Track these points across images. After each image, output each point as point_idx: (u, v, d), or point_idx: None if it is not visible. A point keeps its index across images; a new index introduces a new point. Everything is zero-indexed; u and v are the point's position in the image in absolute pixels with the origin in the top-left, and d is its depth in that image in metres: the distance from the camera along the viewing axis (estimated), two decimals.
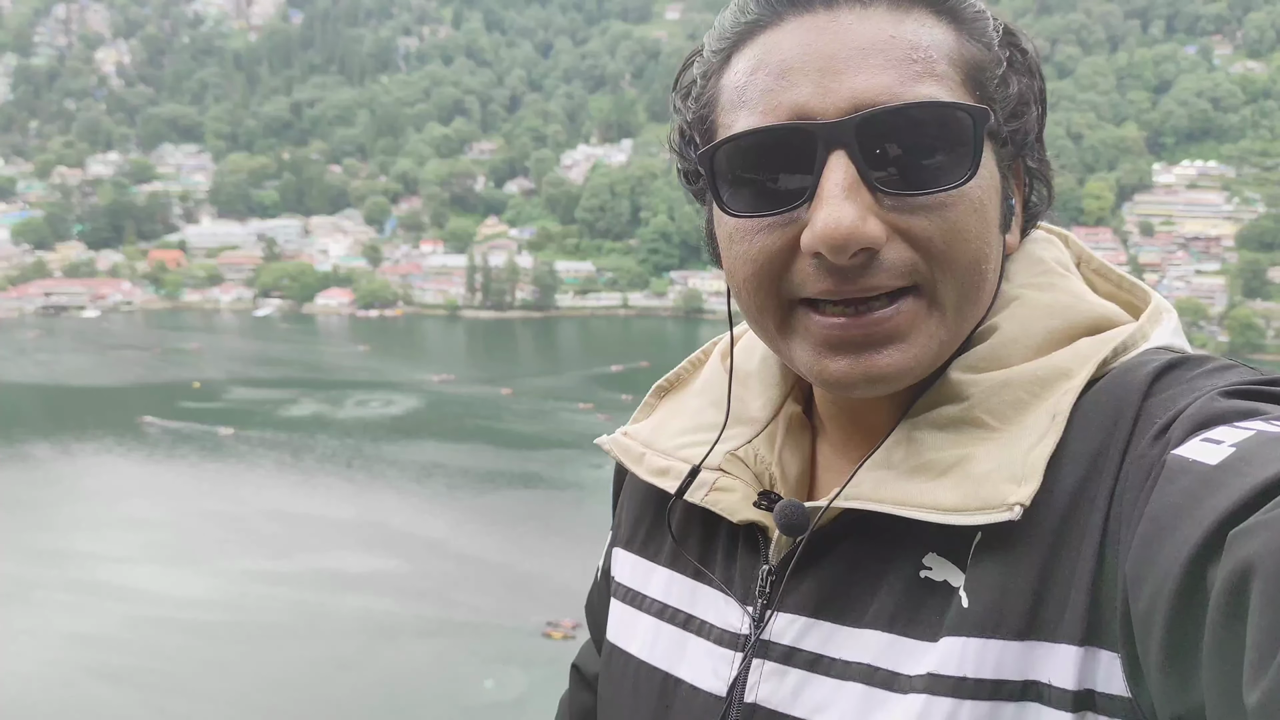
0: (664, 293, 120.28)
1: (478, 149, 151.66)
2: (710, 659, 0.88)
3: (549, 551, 47.47)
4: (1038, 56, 0.84)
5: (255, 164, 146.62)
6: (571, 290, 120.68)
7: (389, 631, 40.71)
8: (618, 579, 1.04)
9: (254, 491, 58.45)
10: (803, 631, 0.81)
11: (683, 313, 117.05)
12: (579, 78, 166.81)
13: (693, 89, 0.85)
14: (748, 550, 0.89)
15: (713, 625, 0.89)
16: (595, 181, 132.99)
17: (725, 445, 0.93)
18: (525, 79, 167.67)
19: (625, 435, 1.03)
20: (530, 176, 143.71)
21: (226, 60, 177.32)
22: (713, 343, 1.08)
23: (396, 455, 64.95)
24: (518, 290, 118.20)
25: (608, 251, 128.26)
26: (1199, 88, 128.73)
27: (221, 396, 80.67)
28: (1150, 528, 0.64)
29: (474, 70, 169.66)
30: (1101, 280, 0.90)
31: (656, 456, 0.97)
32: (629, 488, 1.07)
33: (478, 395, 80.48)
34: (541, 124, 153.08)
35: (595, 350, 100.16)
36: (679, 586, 0.94)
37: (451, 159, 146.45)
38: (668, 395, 1.07)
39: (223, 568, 47.54)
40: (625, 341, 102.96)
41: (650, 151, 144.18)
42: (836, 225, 0.71)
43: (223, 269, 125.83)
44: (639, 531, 1.03)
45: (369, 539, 50.27)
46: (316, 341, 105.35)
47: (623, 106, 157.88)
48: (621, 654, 0.98)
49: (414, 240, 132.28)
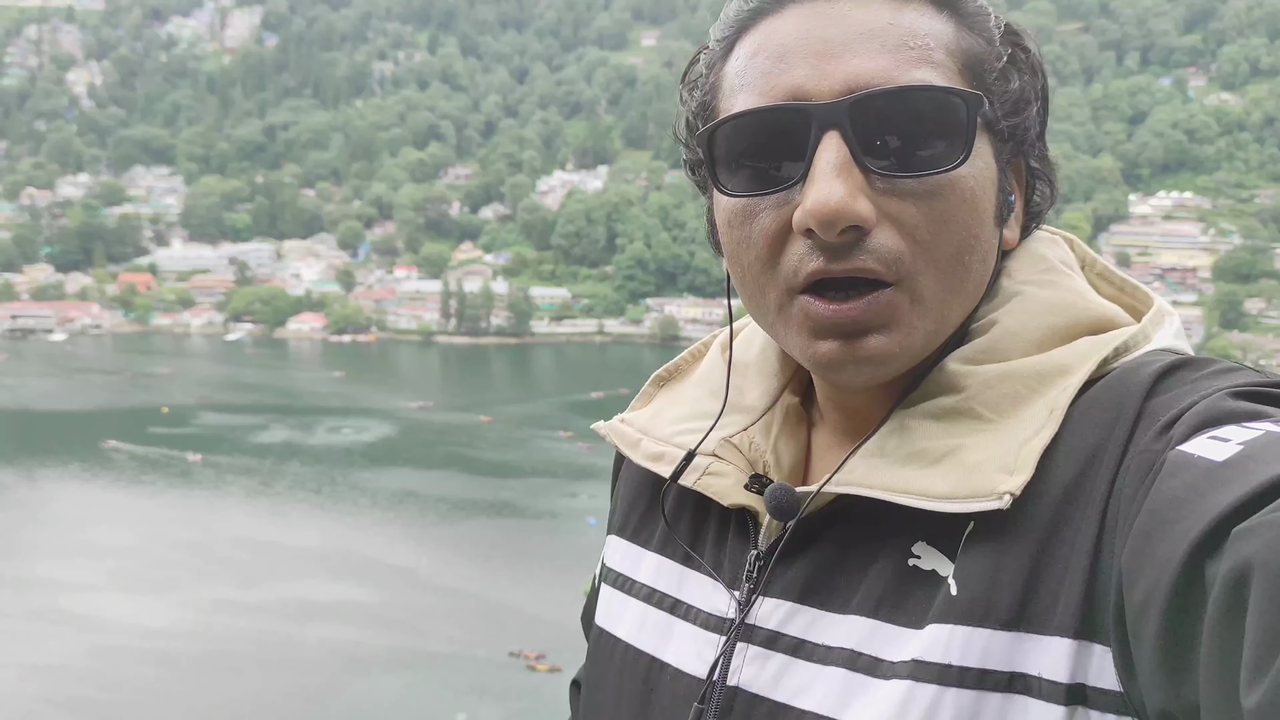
0: (640, 319, 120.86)
1: (453, 174, 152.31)
2: (695, 643, 0.89)
3: (523, 581, 47.46)
4: (1040, 55, 0.85)
5: (228, 187, 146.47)
6: (547, 317, 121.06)
7: (359, 662, 40.47)
8: (608, 564, 1.06)
9: (222, 518, 58.02)
10: (787, 616, 0.83)
11: (659, 339, 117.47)
12: (555, 104, 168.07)
13: (699, 80, 0.88)
14: (738, 535, 0.90)
15: (699, 610, 0.90)
16: (571, 208, 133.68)
17: (721, 432, 0.94)
18: (501, 104, 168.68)
19: (622, 422, 1.04)
20: (506, 202, 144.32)
21: (200, 83, 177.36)
22: (712, 335, 1.10)
23: (369, 483, 64.73)
24: (493, 316, 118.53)
25: (583, 278, 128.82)
26: (1174, 119, 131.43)
27: (190, 422, 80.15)
28: (1149, 520, 0.64)
29: (449, 95, 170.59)
30: (1104, 283, 0.91)
31: (652, 443, 0.99)
32: (624, 475, 1.10)
33: (455, 422, 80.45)
34: (517, 150, 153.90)
35: (572, 377, 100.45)
36: (667, 571, 0.96)
37: (426, 184, 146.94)
38: (666, 385, 1.09)
39: (189, 596, 47.12)
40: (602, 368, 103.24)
41: (626, 178, 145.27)
42: (826, 201, 0.72)
43: (194, 292, 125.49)
44: (632, 518, 1.05)
45: (339, 568, 50.02)
46: (288, 367, 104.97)
47: (599, 133, 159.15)
48: (609, 637, 1.00)
49: (388, 265, 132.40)
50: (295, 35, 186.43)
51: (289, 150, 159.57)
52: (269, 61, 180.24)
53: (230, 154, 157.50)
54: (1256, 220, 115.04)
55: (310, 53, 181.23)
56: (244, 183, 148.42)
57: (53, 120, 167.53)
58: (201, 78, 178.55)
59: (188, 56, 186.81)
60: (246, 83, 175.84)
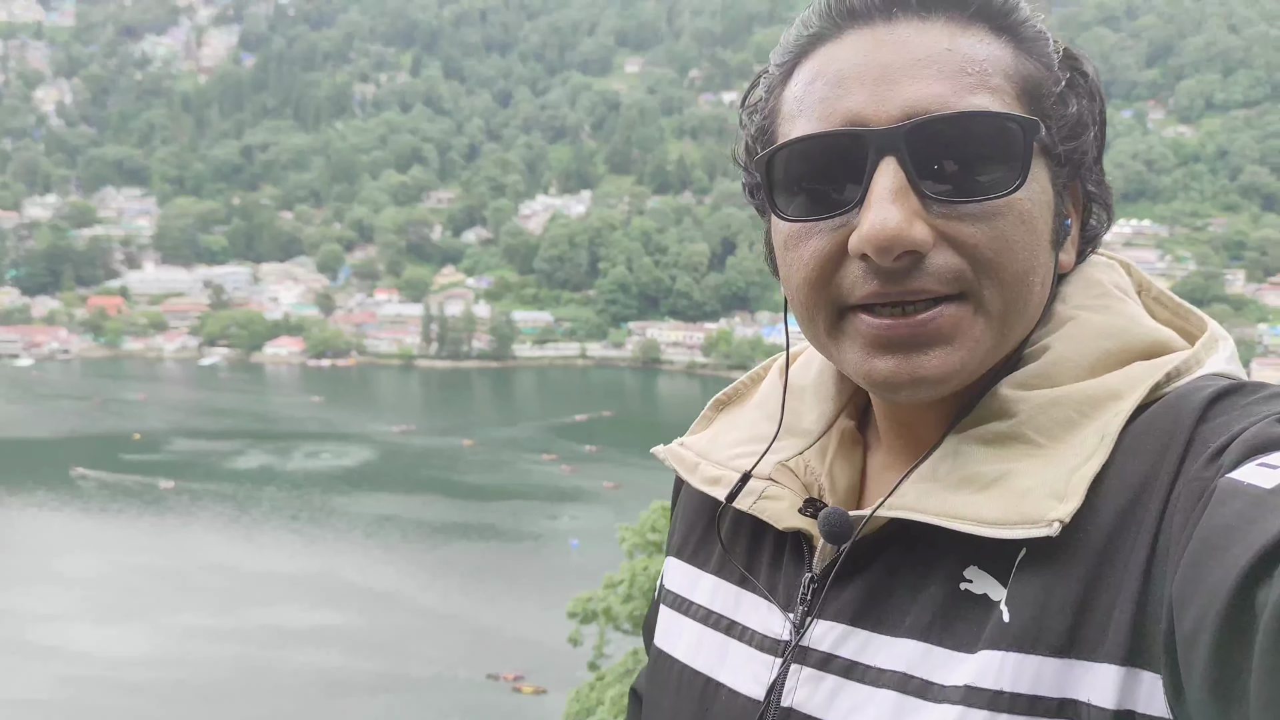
0: (622, 343, 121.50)
1: (435, 197, 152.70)
2: (751, 664, 0.91)
3: (505, 603, 47.33)
4: (1099, 80, 0.86)
5: (203, 208, 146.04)
6: (529, 340, 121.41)
7: (339, 687, 40.10)
8: (667, 586, 1.08)
9: (196, 545, 57.51)
10: (841, 639, 0.84)
11: (640, 363, 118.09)
12: (538, 128, 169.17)
13: (758, 104, 0.89)
14: (793, 558, 0.92)
15: (755, 631, 0.92)
16: (554, 232, 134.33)
17: (776, 455, 0.96)
18: (484, 128, 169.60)
19: (681, 446, 1.07)
20: (488, 226, 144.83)
21: (175, 102, 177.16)
22: (771, 359, 1.11)
23: (348, 507, 64.42)
24: (474, 340, 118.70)
25: (566, 302, 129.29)
26: (1134, 150, 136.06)
27: (163, 448, 79.63)
28: (1200, 548, 0.64)
29: (432, 118, 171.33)
30: (1160, 308, 0.92)
31: (710, 466, 1.00)
32: (683, 498, 1.11)
33: (436, 446, 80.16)
34: (500, 173, 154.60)
35: (554, 400, 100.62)
36: (724, 593, 0.98)
37: (408, 207, 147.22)
38: (725, 409, 1.11)
39: (162, 624, 46.56)
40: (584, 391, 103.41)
41: (609, 203, 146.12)
42: (883, 227, 0.74)
43: (167, 316, 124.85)
44: (690, 540, 1.06)
45: (317, 593, 49.64)
46: (265, 391, 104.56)
47: (582, 157, 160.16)
48: (666, 658, 1.01)
49: (368, 289, 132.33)
50: (274, 55, 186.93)
51: (267, 171, 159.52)
52: (247, 81, 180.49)
53: (206, 175, 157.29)
54: (1209, 247, 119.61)
55: (290, 73, 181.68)
56: (220, 204, 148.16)
57: (19, 139, 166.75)
58: (176, 97, 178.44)
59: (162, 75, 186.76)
60: (223, 102, 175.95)
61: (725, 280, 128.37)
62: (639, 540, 17.66)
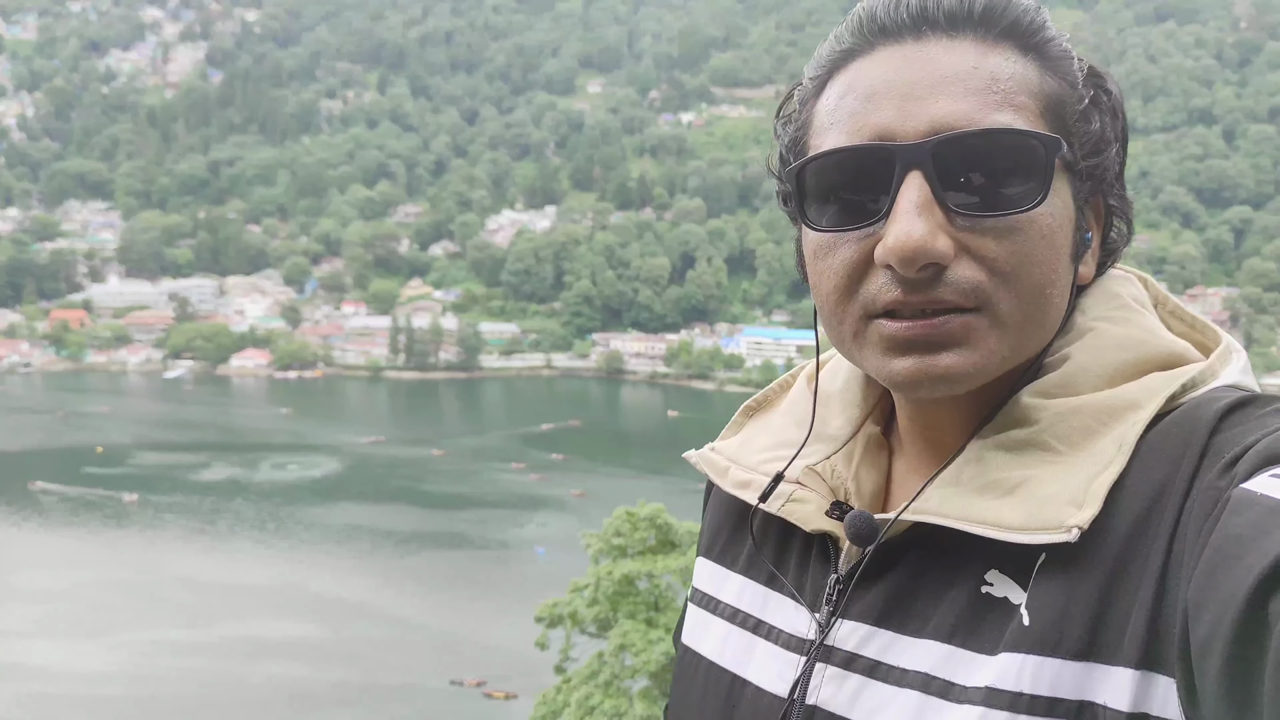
0: (587, 354, 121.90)
1: (402, 212, 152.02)
2: (776, 663, 0.92)
3: (473, 611, 46.91)
4: (1122, 98, 0.88)
5: (169, 222, 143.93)
6: (496, 351, 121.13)
7: (308, 698, 39.50)
8: (696, 585, 1.09)
9: (162, 559, 56.38)
10: (865, 639, 0.85)
11: (605, 373, 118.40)
12: (504, 145, 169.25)
13: (792, 115, 0.91)
14: (819, 560, 0.93)
15: (781, 630, 0.93)
16: (520, 246, 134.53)
17: (805, 460, 0.97)
18: (451, 145, 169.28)
19: (712, 451, 1.08)
20: (455, 240, 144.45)
21: (140, 117, 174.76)
22: (800, 367, 1.13)
23: (316, 518, 63.56)
24: (442, 351, 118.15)
25: (532, 314, 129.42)
26: None
27: (127, 461, 78.00)
28: (1214, 557, 0.65)
29: (399, 135, 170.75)
30: (1176, 321, 0.93)
31: (740, 470, 1.02)
32: (713, 501, 1.13)
33: (406, 456, 79.44)
34: (467, 188, 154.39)
35: (521, 410, 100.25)
36: (751, 592, 0.99)
37: (375, 221, 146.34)
38: (755, 415, 1.12)
39: (127, 639, 45.56)
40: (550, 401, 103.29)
41: (573, 218, 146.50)
42: (907, 238, 0.75)
43: (131, 329, 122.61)
44: (718, 541, 1.08)
45: (285, 604, 48.91)
46: (231, 404, 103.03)
47: (547, 174, 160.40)
48: (694, 655, 1.02)
49: (335, 301, 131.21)
50: (241, 72, 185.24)
51: (234, 186, 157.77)
52: (214, 97, 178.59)
53: (172, 189, 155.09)
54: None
55: (257, 89, 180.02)
56: (186, 218, 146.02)
57: None
58: (142, 112, 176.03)
59: (128, 90, 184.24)
60: (190, 118, 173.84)
61: (685, 293, 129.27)
62: (604, 546, 17.65)
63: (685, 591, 10.21)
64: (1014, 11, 0.81)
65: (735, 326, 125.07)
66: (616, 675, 15.96)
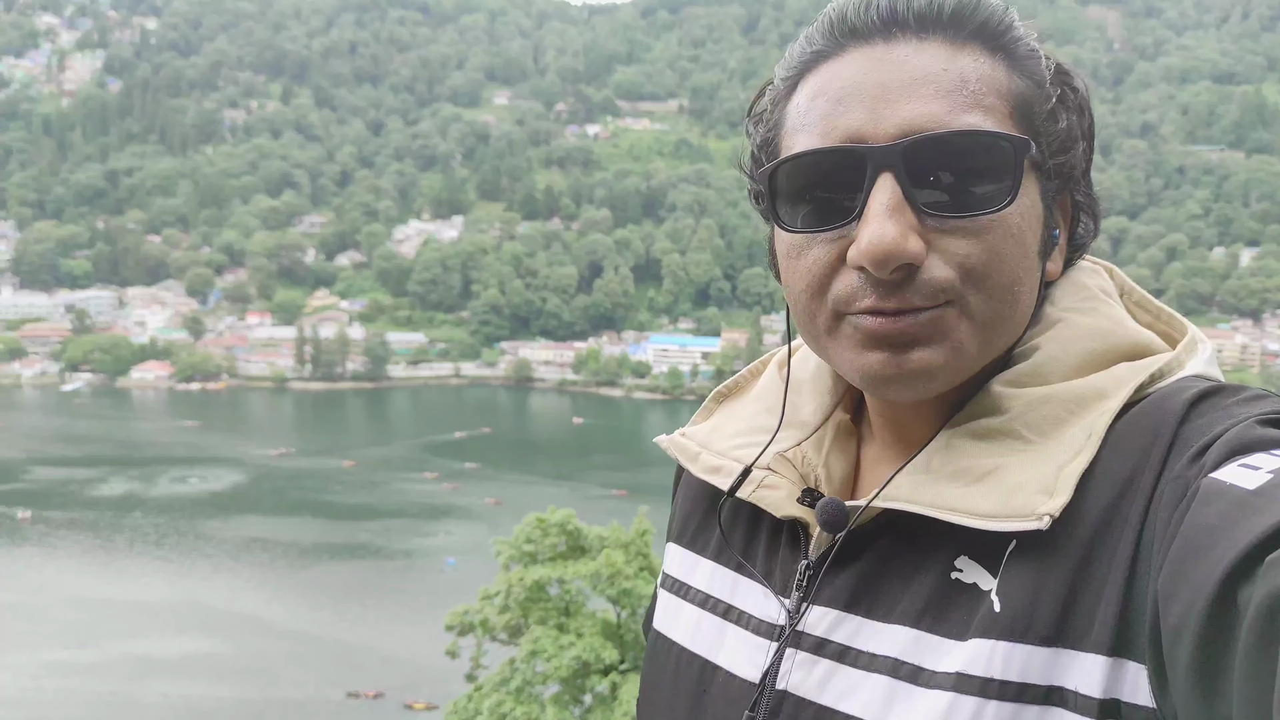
0: (495, 362, 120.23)
1: (308, 222, 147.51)
2: (747, 648, 0.91)
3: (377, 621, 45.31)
4: (1088, 95, 0.87)
5: (64, 233, 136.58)
6: (403, 361, 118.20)
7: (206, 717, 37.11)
8: (666, 571, 1.07)
9: (54, 577, 52.99)
10: (834, 624, 0.84)
11: (513, 381, 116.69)
12: (410, 156, 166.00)
13: (763, 115, 0.89)
14: (789, 546, 0.92)
15: (751, 615, 0.92)
16: (427, 256, 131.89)
17: (776, 446, 0.96)
18: (356, 155, 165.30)
19: (683, 436, 1.06)
20: (361, 250, 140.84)
21: (34, 125, 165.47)
22: (771, 354, 1.11)
23: (217, 532, 60.59)
24: (349, 361, 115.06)
25: (439, 323, 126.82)
26: None
27: (19, 477, 73.68)
28: (1184, 546, 0.65)
29: (304, 145, 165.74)
30: (1142, 311, 0.92)
31: (711, 456, 1.00)
32: (683, 486, 1.11)
33: (315, 468, 76.40)
34: (373, 199, 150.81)
35: (430, 419, 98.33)
36: (721, 578, 0.98)
37: (279, 231, 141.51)
38: (725, 401, 1.11)
39: (12, 662, 42.39)
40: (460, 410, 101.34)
41: (480, 228, 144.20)
42: (880, 241, 0.74)
43: (25, 342, 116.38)
44: (689, 526, 1.06)
45: (183, 621, 46.35)
46: (131, 417, 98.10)
47: (453, 185, 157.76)
48: (665, 640, 1.01)
49: (239, 312, 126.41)
50: (140, 81, 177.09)
51: (132, 196, 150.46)
52: (112, 106, 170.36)
53: (68, 199, 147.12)
54: None
55: (156, 99, 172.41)
56: (83, 228, 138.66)
57: None
58: (36, 120, 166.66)
59: (20, 98, 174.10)
60: (87, 126, 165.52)
61: (593, 301, 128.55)
62: (515, 553, 16.93)
63: (596, 598, 8.61)
64: (983, 12, 0.80)
65: (642, 334, 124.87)
66: (529, 681, 15.28)
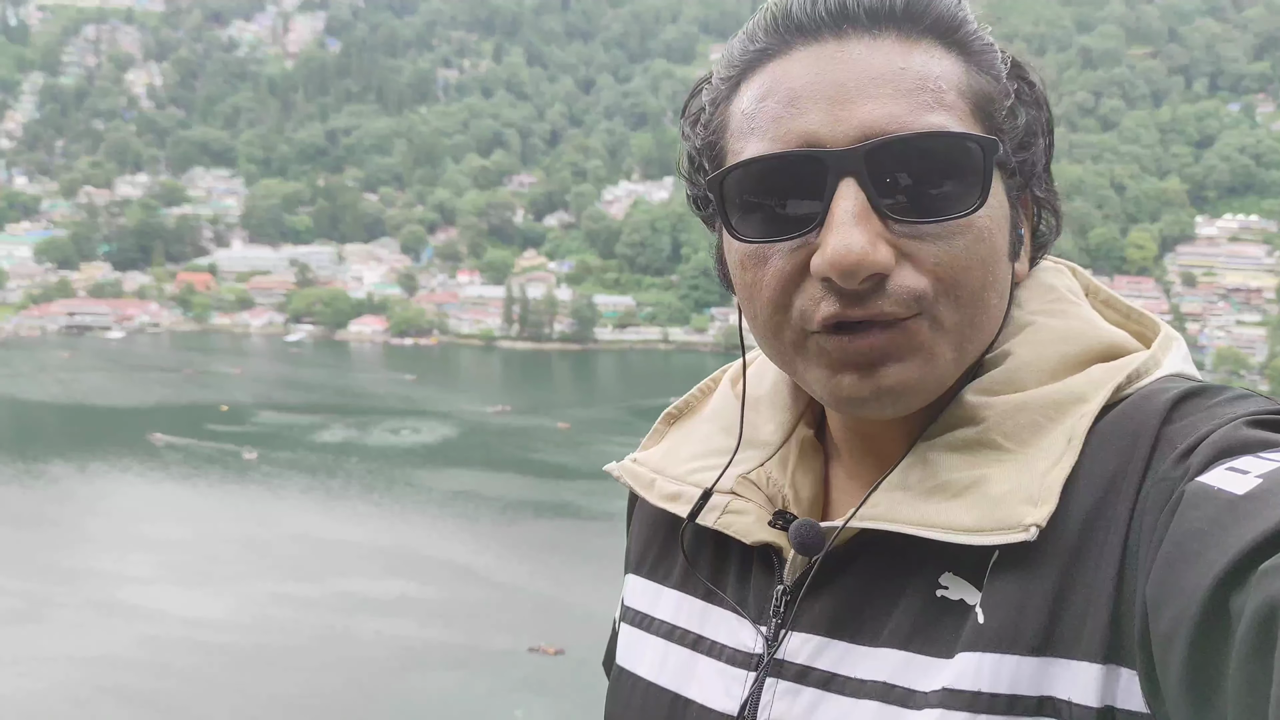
0: (704, 329, 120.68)
1: (517, 181, 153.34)
2: (722, 679, 0.89)
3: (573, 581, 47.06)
4: (1045, 89, 0.87)
5: (288, 189, 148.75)
6: (610, 324, 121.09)
7: (415, 656, 40.05)
8: (627, 603, 1.06)
9: (278, 514, 58.35)
10: (817, 650, 0.83)
11: (723, 348, 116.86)
12: (621, 114, 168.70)
13: (701, 115, 0.88)
14: (762, 571, 0.91)
15: (724, 645, 0.91)
16: (636, 217, 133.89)
17: (737, 469, 0.95)
18: (566, 114, 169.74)
19: (635, 462, 1.05)
20: (570, 210, 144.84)
21: (261, 85, 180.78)
22: (722, 370, 1.10)
23: (426, 481, 64.92)
24: (556, 322, 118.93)
25: (648, 286, 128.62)
26: (1241, 144, 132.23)
27: (248, 420, 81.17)
28: (1173, 551, 0.66)
29: (514, 104, 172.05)
30: (1110, 310, 0.93)
31: (667, 482, 0.99)
32: (639, 514, 1.10)
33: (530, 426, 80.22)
34: (582, 159, 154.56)
35: (637, 384, 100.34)
36: (688, 608, 0.96)
37: (490, 190, 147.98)
38: (677, 422, 1.09)
39: (243, 590, 47.10)
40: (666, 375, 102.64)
41: None
42: (847, 251, 0.73)
43: (253, 293, 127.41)
44: (648, 555, 1.05)
45: (395, 564, 49.86)
46: (348, 368, 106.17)
47: (664, 144, 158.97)
48: (629, 676, 1.00)
49: (450, 270, 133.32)
50: (358, 41, 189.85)
51: (351, 154, 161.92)
52: (331, 66, 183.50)
53: (291, 157, 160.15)
54: None
55: (373, 59, 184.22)
56: (305, 185, 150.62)
57: (110, 120, 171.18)
58: (263, 80, 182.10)
59: (249, 60, 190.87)
60: (308, 87, 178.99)
61: None
62: None
63: None
64: (937, 7, 0.80)
65: None
66: None
